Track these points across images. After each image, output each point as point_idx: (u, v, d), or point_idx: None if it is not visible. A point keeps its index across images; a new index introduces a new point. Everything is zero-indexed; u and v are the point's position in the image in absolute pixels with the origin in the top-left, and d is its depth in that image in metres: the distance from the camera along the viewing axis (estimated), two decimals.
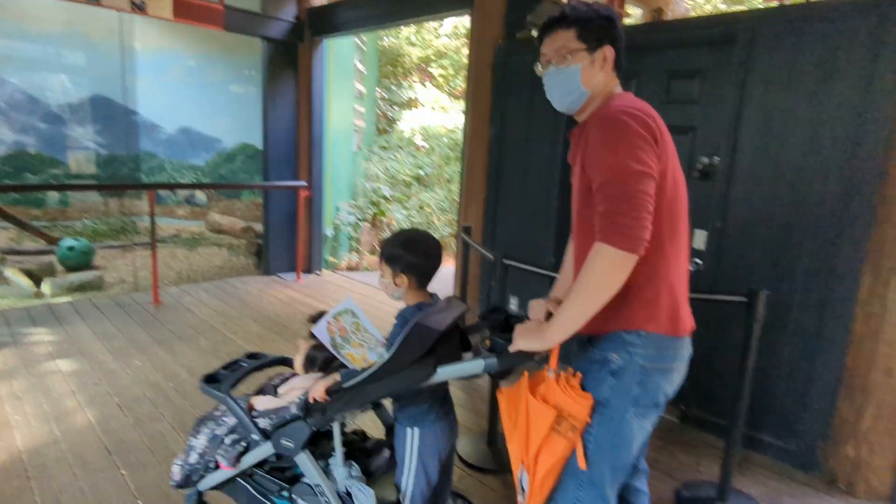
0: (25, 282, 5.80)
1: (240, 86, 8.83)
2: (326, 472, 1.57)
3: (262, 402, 1.64)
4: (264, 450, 1.57)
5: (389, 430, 1.76)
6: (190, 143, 9.06)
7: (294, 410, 1.51)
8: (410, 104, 8.75)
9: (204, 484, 1.66)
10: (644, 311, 1.33)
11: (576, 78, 1.38)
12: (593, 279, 1.22)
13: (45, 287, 5.82)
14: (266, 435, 1.56)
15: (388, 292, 1.58)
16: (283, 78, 5.56)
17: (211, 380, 1.66)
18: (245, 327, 4.12)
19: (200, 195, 9.27)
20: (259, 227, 7.57)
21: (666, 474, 2.53)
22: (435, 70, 9.33)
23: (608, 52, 1.39)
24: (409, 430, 1.55)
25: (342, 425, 1.56)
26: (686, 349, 1.43)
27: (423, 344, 1.36)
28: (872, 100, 2.31)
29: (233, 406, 1.58)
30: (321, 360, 1.66)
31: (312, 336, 1.61)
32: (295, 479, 1.62)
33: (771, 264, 2.63)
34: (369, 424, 1.95)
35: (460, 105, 8.75)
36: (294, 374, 1.81)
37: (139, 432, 2.61)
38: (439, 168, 7.82)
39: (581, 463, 1.35)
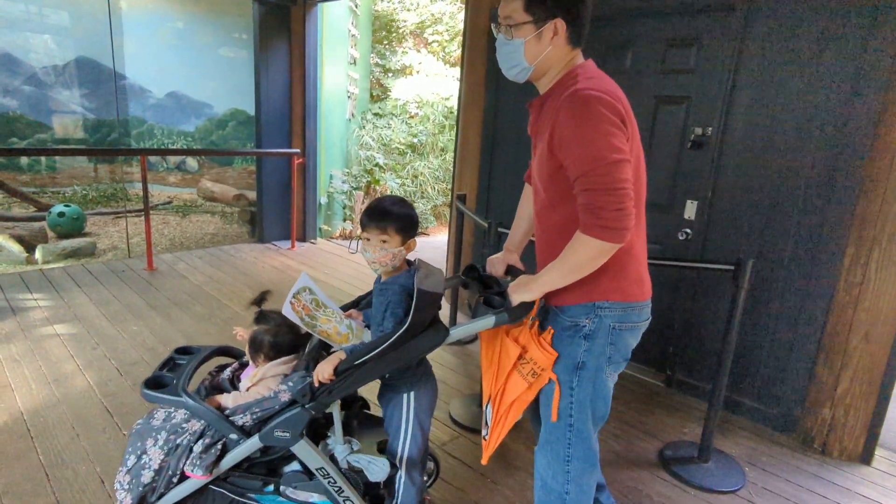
0: (17, 248, 5.78)
1: (230, 49, 8.64)
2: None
3: (231, 399, 1.54)
4: (247, 447, 1.46)
5: (353, 400, 1.74)
6: (179, 108, 8.91)
7: (284, 398, 1.44)
8: (405, 71, 8.62)
9: (166, 500, 1.47)
10: (614, 282, 1.40)
11: (519, 51, 1.35)
12: (577, 264, 1.30)
13: (38, 253, 5.81)
14: (246, 432, 1.46)
15: (387, 262, 1.50)
16: (275, 42, 5.46)
17: (155, 384, 1.50)
18: (240, 294, 4.16)
19: (192, 162, 9.17)
20: (252, 194, 7.53)
21: (651, 435, 2.63)
22: (430, 36, 9.16)
23: (559, 25, 1.32)
24: (405, 395, 1.56)
25: (339, 403, 1.50)
26: (648, 307, 1.54)
27: (433, 309, 1.40)
28: (864, 74, 2.33)
29: (200, 408, 1.45)
30: (267, 344, 1.60)
31: (257, 320, 1.61)
32: (273, 470, 1.55)
33: (758, 234, 2.68)
34: None
35: (455, 72, 8.63)
36: (229, 365, 1.74)
37: (138, 395, 2.66)
38: (434, 136, 7.77)
39: (553, 415, 1.47)
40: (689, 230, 2.92)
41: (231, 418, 1.46)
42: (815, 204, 2.50)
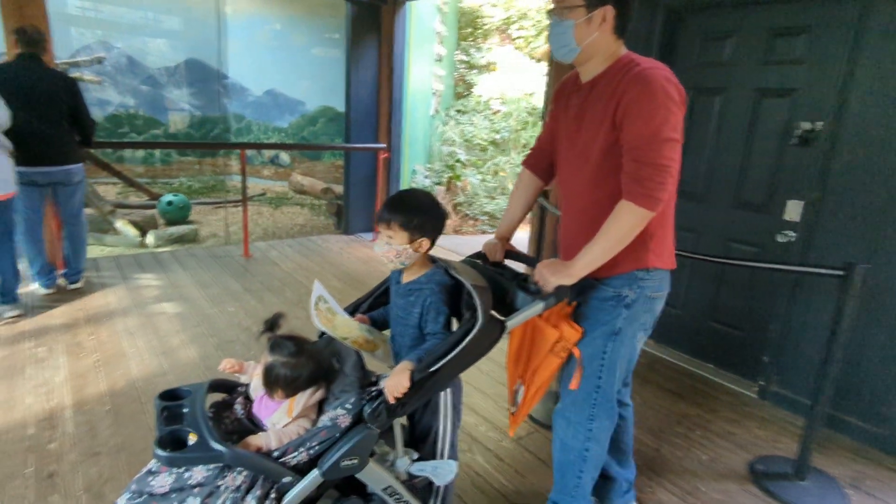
0: (133, 232, 6.37)
1: (323, 49, 9.03)
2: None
3: (274, 438, 1.34)
4: (307, 486, 1.30)
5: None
6: (275, 106, 9.44)
7: (345, 424, 1.30)
8: (489, 67, 8.63)
9: None
10: (654, 251, 1.52)
11: (568, 32, 1.43)
12: (620, 233, 1.39)
13: (150, 238, 6.37)
14: (300, 471, 1.30)
15: (401, 259, 1.44)
16: (366, 41, 5.65)
17: (169, 444, 1.25)
18: (326, 282, 4.35)
19: (284, 157, 9.69)
20: (338, 188, 7.84)
21: (740, 448, 2.48)
22: (515, 32, 9.10)
23: (608, 12, 1.41)
24: (442, 393, 1.51)
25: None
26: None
27: (491, 304, 1.38)
28: None
29: (247, 457, 1.25)
30: (286, 377, 1.39)
31: (272, 350, 1.41)
32: (313, 501, 1.38)
33: (871, 238, 2.45)
34: None
35: (540, 67, 8.52)
36: (228, 403, 1.53)
37: None
38: (516, 132, 7.73)
39: (574, 384, 1.60)
40: (791, 232, 2.72)
41: (282, 460, 1.28)
42: None
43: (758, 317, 2.98)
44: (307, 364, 1.41)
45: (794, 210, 2.71)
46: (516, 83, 8.10)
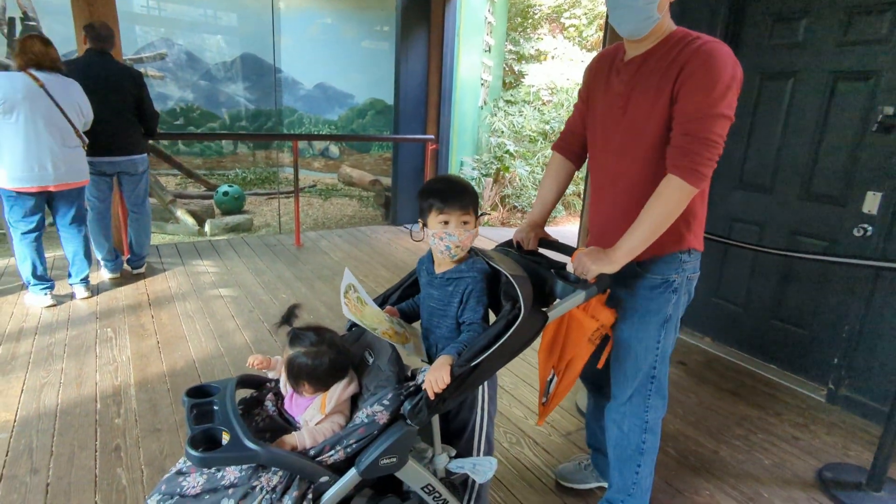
0: (191, 221, 6.62)
1: (372, 42, 9.11)
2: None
3: (308, 437, 1.30)
4: (345, 485, 1.26)
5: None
6: (326, 99, 9.60)
7: (383, 420, 1.25)
8: (539, 57, 8.48)
9: None
10: (695, 232, 1.50)
11: (652, 2, 1.33)
12: (666, 211, 1.34)
13: (207, 227, 6.61)
14: (337, 470, 1.26)
15: (468, 244, 1.40)
16: (415, 32, 5.64)
17: (202, 443, 1.20)
18: (375, 272, 4.40)
19: (334, 149, 9.85)
20: (386, 180, 7.91)
21: (807, 453, 2.34)
22: (566, 20, 8.90)
23: None
24: (480, 386, 1.46)
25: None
26: None
27: (532, 295, 1.33)
28: None
29: (284, 456, 1.21)
30: (309, 369, 1.35)
31: (292, 342, 1.37)
32: (347, 500, 1.33)
33: None
34: None
35: (591, 57, 8.31)
36: (258, 400, 1.49)
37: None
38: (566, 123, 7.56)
39: (601, 362, 1.60)
40: (868, 226, 2.53)
41: (319, 459, 1.24)
42: None
43: (828, 316, 2.80)
44: (327, 352, 1.36)
45: (872, 202, 2.52)
46: (567, 73, 7.92)
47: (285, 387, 1.44)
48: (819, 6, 2.70)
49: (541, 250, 1.66)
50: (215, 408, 1.30)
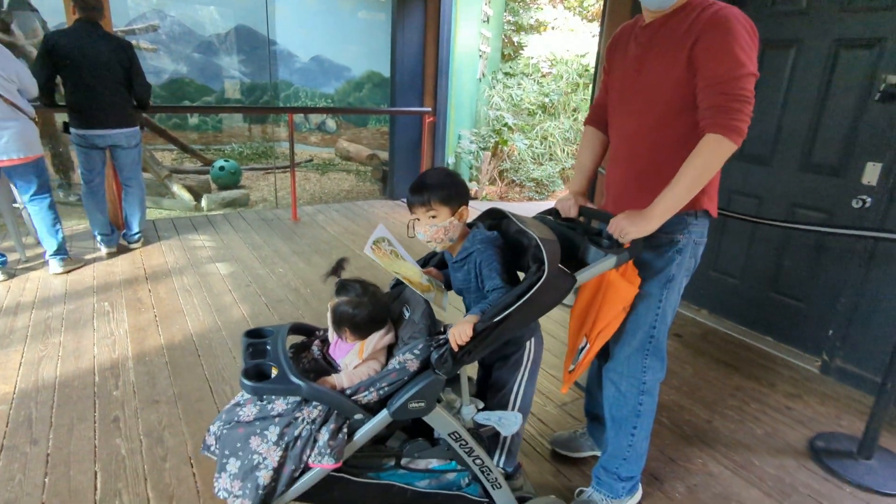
0: (187, 196, 6.58)
1: (369, 12, 8.93)
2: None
3: (346, 378, 1.44)
4: (377, 424, 1.37)
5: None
6: (322, 72, 9.45)
7: (413, 368, 1.35)
8: (538, 28, 8.32)
9: (288, 497, 1.35)
10: (709, 194, 1.51)
11: None
12: (706, 168, 1.35)
13: (203, 202, 6.57)
14: (370, 410, 1.37)
15: (441, 237, 1.48)
16: (412, 2, 5.52)
17: (254, 376, 1.36)
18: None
19: (331, 123, 9.74)
20: (384, 154, 7.84)
21: (800, 423, 2.37)
22: None
23: None
24: (528, 343, 1.54)
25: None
26: None
27: (559, 257, 1.36)
28: None
29: (324, 392, 1.34)
30: (352, 316, 1.47)
31: (338, 292, 1.49)
32: (382, 440, 1.49)
33: None
34: None
35: (593, 28, 8.16)
36: (306, 345, 1.63)
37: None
38: (566, 96, 7.47)
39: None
40: (866, 197, 2.52)
41: (354, 398, 1.36)
42: None
43: (824, 288, 2.81)
44: (368, 304, 1.48)
45: (872, 173, 2.50)
46: (567, 44, 7.79)
47: (332, 334, 1.56)
48: None
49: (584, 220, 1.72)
50: (268, 347, 1.46)
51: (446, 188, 1.45)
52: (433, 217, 1.46)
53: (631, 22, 1.60)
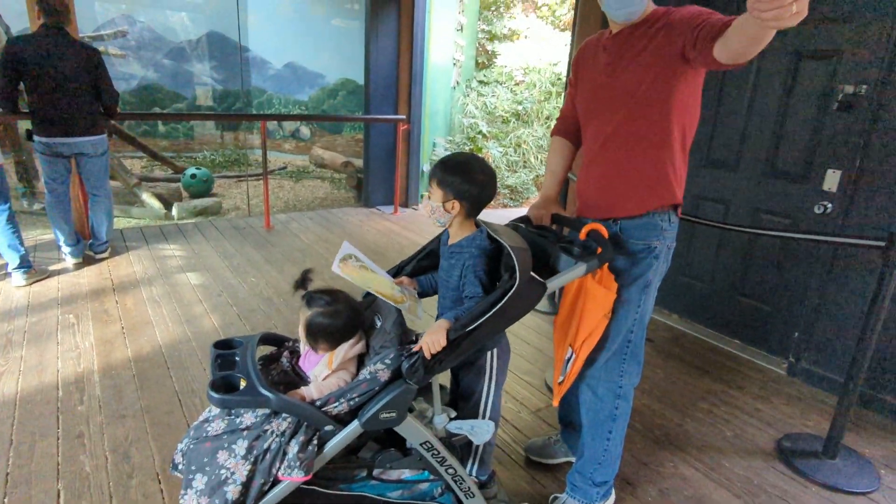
0: (157, 205, 6.45)
1: (342, 20, 8.92)
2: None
3: (315, 390, 1.43)
4: (347, 436, 1.35)
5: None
6: (296, 79, 9.38)
7: (384, 378, 1.34)
8: (512, 36, 8.42)
9: None
10: (678, 186, 1.56)
11: None
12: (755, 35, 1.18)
13: (174, 210, 6.45)
14: (341, 421, 1.36)
15: (434, 216, 1.49)
16: (386, 10, 5.53)
17: (222, 388, 1.34)
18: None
19: (305, 130, 9.67)
20: (358, 161, 7.80)
21: (767, 424, 2.42)
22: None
23: None
24: (490, 352, 1.53)
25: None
26: None
27: (530, 264, 1.37)
28: None
29: (293, 404, 1.33)
30: (327, 328, 1.47)
31: (308, 304, 1.48)
32: (353, 451, 1.47)
33: None
34: None
35: (565, 37, 8.28)
36: (276, 356, 1.61)
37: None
38: (539, 104, 7.55)
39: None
40: (828, 203, 2.60)
41: (324, 409, 1.34)
42: None
43: (789, 291, 2.88)
44: (344, 311, 1.48)
45: (832, 179, 2.59)
46: (540, 53, 7.89)
47: (303, 345, 1.55)
48: None
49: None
50: (237, 359, 1.45)
51: (448, 175, 1.44)
52: (429, 196, 1.49)
53: (595, 36, 1.66)
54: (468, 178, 1.44)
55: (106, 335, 2.84)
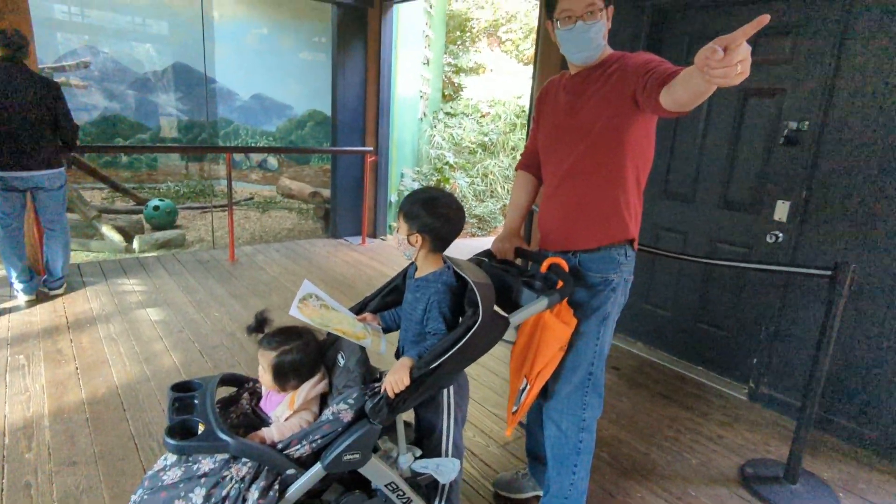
0: (118, 237, 6.28)
1: (310, 53, 9.00)
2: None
3: (276, 432, 1.39)
4: (310, 479, 1.32)
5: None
6: (263, 110, 9.37)
7: (347, 418, 1.32)
8: (477, 70, 8.62)
9: None
10: (635, 222, 1.62)
11: (600, 32, 1.52)
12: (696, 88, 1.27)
13: (135, 243, 6.28)
14: (303, 464, 1.33)
15: (401, 249, 1.51)
16: (352, 44, 5.61)
17: (179, 433, 1.29)
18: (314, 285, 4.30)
19: (272, 161, 9.62)
20: (326, 192, 7.78)
21: (731, 451, 2.46)
22: (504, 34, 9.11)
23: (611, 11, 1.55)
24: (445, 389, 1.50)
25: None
26: None
27: (493, 300, 1.38)
28: None
29: (253, 447, 1.29)
30: (296, 366, 1.46)
31: (269, 346, 1.46)
32: (317, 494, 1.43)
33: (860, 238, 2.45)
34: None
35: (529, 70, 8.53)
36: (236, 399, 1.57)
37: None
38: (505, 135, 7.72)
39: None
40: (779, 233, 2.71)
41: (286, 452, 1.31)
42: None
43: (746, 318, 2.97)
44: (310, 343, 1.48)
45: (782, 210, 2.71)
46: (505, 86, 8.10)
47: (265, 387, 1.52)
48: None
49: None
50: (195, 402, 1.39)
51: (414, 209, 1.45)
52: (397, 225, 1.51)
53: (556, 77, 1.74)
54: (433, 212, 1.44)
55: (58, 376, 2.72)
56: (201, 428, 1.32)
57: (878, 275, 2.40)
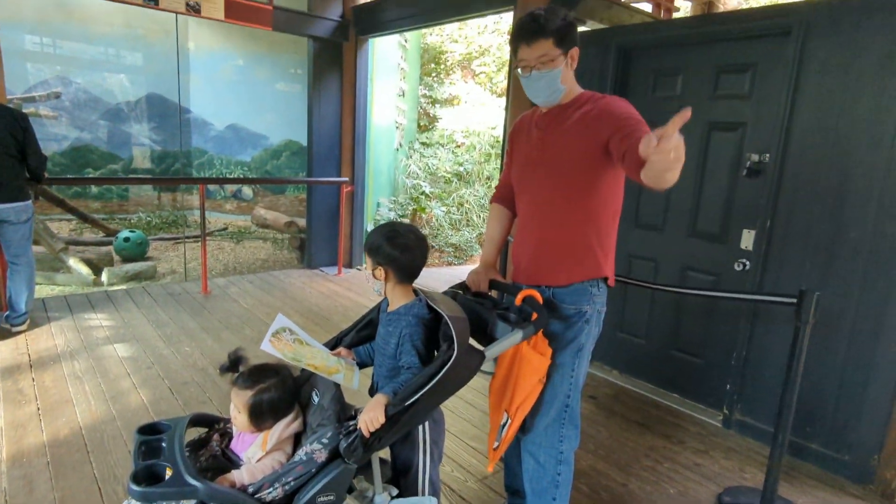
0: (85, 270, 6.12)
1: (286, 84, 9.05)
2: None
3: (247, 474, 1.35)
4: None
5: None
6: (238, 140, 9.35)
7: (321, 459, 1.29)
8: (452, 101, 8.78)
9: None
10: (609, 262, 1.65)
11: (557, 79, 1.57)
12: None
13: (104, 276, 6.13)
14: None
15: (370, 285, 1.53)
16: (328, 76, 5.67)
17: (145, 479, 1.25)
18: (288, 317, 4.23)
19: (247, 190, 9.55)
20: (302, 222, 7.74)
21: (708, 479, 2.47)
22: (477, 67, 9.32)
23: (575, 52, 1.59)
24: (420, 427, 1.49)
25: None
26: None
27: (468, 333, 1.38)
28: None
29: (224, 492, 1.25)
30: (274, 405, 1.42)
31: (245, 384, 1.42)
32: None
33: (823, 265, 2.53)
34: None
35: (502, 102, 8.71)
36: (206, 441, 1.53)
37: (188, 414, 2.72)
38: (479, 165, 7.83)
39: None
40: (746, 261, 2.79)
41: (258, 496, 1.27)
42: (886, 231, 2.34)
43: (719, 345, 3.02)
44: (287, 380, 1.46)
45: (748, 239, 2.78)
46: (479, 117, 8.25)
47: (236, 427, 1.48)
48: (691, 65, 3.00)
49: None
50: (163, 445, 1.35)
51: (375, 242, 1.47)
52: (366, 268, 1.52)
53: (529, 112, 1.79)
54: (392, 244, 1.46)
55: (18, 418, 2.61)
56: (169, 473, 1.27)
57: (840, 302, 2.48)
